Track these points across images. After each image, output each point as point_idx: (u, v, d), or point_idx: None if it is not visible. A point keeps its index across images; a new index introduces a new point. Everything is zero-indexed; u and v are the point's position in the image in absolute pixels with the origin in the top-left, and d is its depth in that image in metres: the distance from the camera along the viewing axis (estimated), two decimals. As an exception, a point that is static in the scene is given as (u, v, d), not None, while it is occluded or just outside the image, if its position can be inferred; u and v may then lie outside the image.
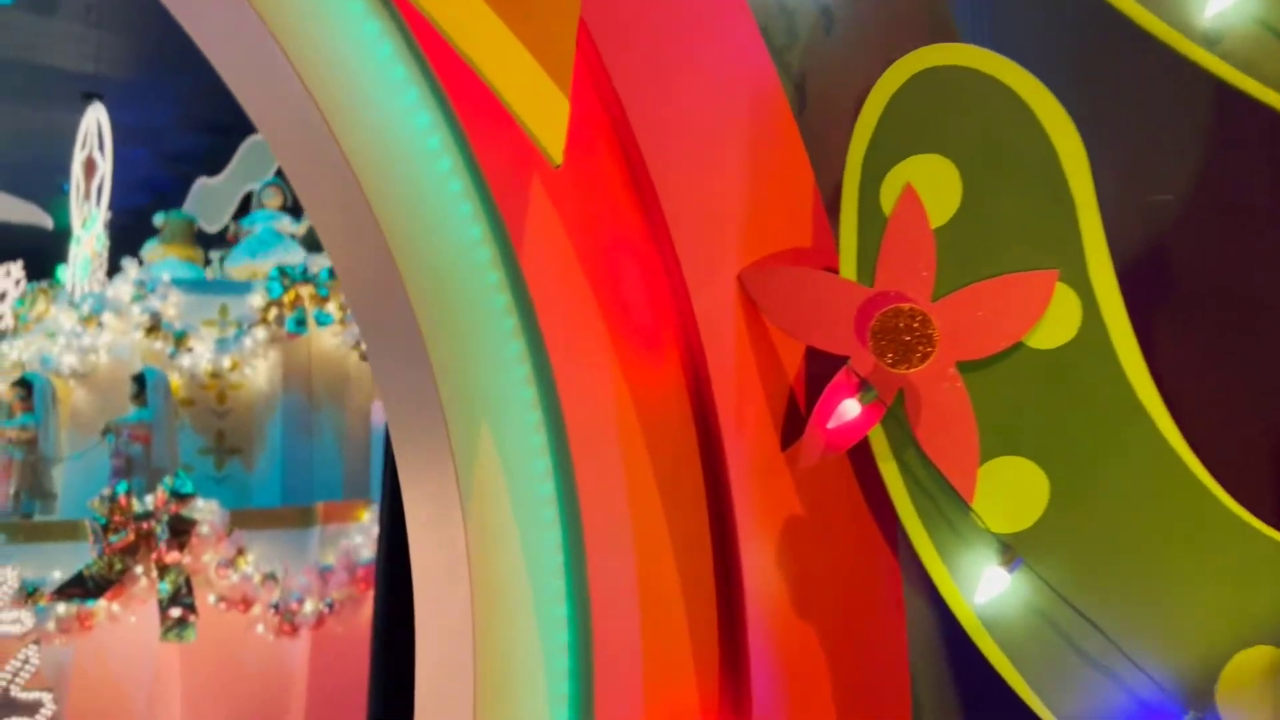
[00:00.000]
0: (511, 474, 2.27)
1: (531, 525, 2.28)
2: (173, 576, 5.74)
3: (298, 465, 7.81)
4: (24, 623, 4.92)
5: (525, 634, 2.23)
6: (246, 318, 7.84)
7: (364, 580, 5.98)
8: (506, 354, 2.36)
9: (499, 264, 2.33)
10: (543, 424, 2.31)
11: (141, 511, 5.79)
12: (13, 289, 10.48)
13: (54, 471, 7.22)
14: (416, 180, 2.29)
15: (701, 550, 2.29)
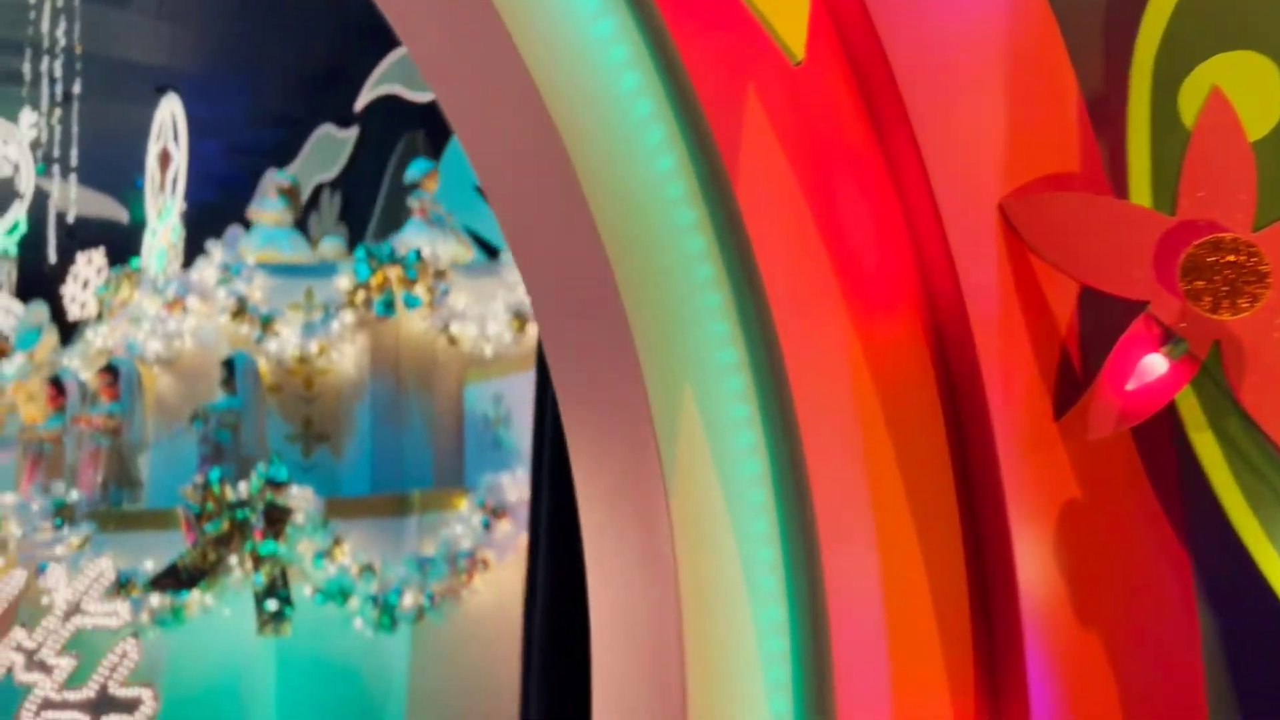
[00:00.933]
0: (719, 451, 1.89)
1: (742, 512, 1.89)
2: (268, 567, 5.48)
3: (387, 453, 7.54)
4: (121, 615, 4.70)
5: (739, 641, 1.84)
6: (333, 301, 7.59)
7: (466, 572, 5.66)
8: (703, 307, 1.98)
9: (696, 201, 1.95)
10: (751, 391, 1.92)
11: (235, 500, 5.54)
12: (94, 276, 10.41)
13: (140, 459, 7.04)
14: (600, 103, 1.92)
15: (951, 541, 1.88)
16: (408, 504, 6.13)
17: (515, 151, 2.02)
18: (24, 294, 17.04)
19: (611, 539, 2.02)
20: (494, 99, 1.99)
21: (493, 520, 5.77)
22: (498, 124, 2.04)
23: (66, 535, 5.78)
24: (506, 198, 2.14)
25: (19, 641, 4.57)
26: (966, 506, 1.91)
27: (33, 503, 5.93)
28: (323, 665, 5.61)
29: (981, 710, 1.87)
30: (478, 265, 8.28)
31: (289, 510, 5.52)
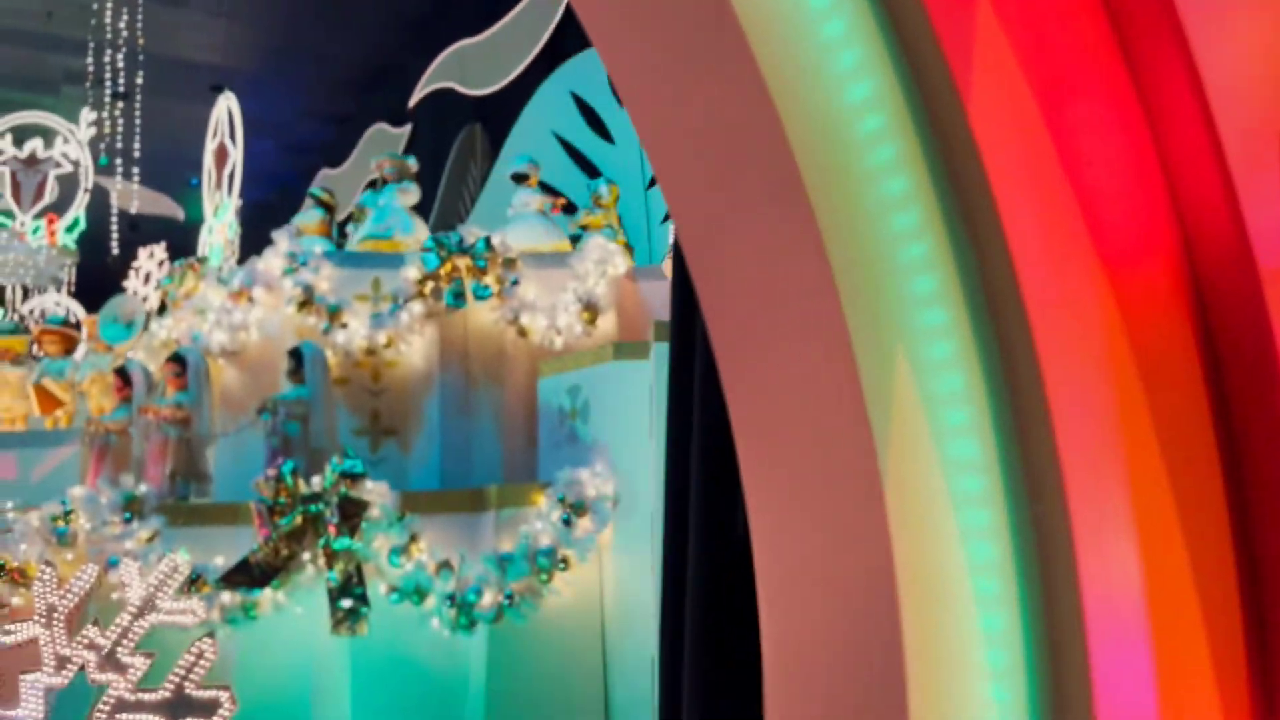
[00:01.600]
0: (936, 428, 1.59)
1: (961, 502, 1.60)
2: (342, 564, 5.27)
3: (456, 447, 7.33)
4: (197, 613, 4.51)
5: (966, 651, 1.55)
6: (401, 291, 7.39)
7: (546, 571, 5.41)
8: (903, 261, 1.69)
9: (896, 134, 1.66)
10: (961, 359, 1.63)
11: (309, 493, 5.33)
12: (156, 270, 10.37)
13: (208, 452, 6.89)
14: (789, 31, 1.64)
15: (1219, 535, 1.58)
16: (484, 499, 5.89)
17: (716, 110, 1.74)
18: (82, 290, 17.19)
19: (806, 535, 1.73)
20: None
21: (573, 517, 5.51)
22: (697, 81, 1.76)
23: (135, 529, 5.61)
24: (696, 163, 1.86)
25: (91, 639, 4.41)
26: (1234, 490, 1.60)
27: (101, 496, 5.77)
28: (398, 666, 5.38)
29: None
30: (547, 256, 8.05)
31: (365, 504, 5.30)
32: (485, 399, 7.55)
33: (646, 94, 1.90)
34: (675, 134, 1.88)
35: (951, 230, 1.62)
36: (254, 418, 6.70)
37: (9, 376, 8.55)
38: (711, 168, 1.84)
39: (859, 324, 1.58)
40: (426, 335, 7.45)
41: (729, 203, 1.81)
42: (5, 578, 5.55)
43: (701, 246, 1.90)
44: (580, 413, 6.10)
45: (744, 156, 1.72)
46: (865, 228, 1.66)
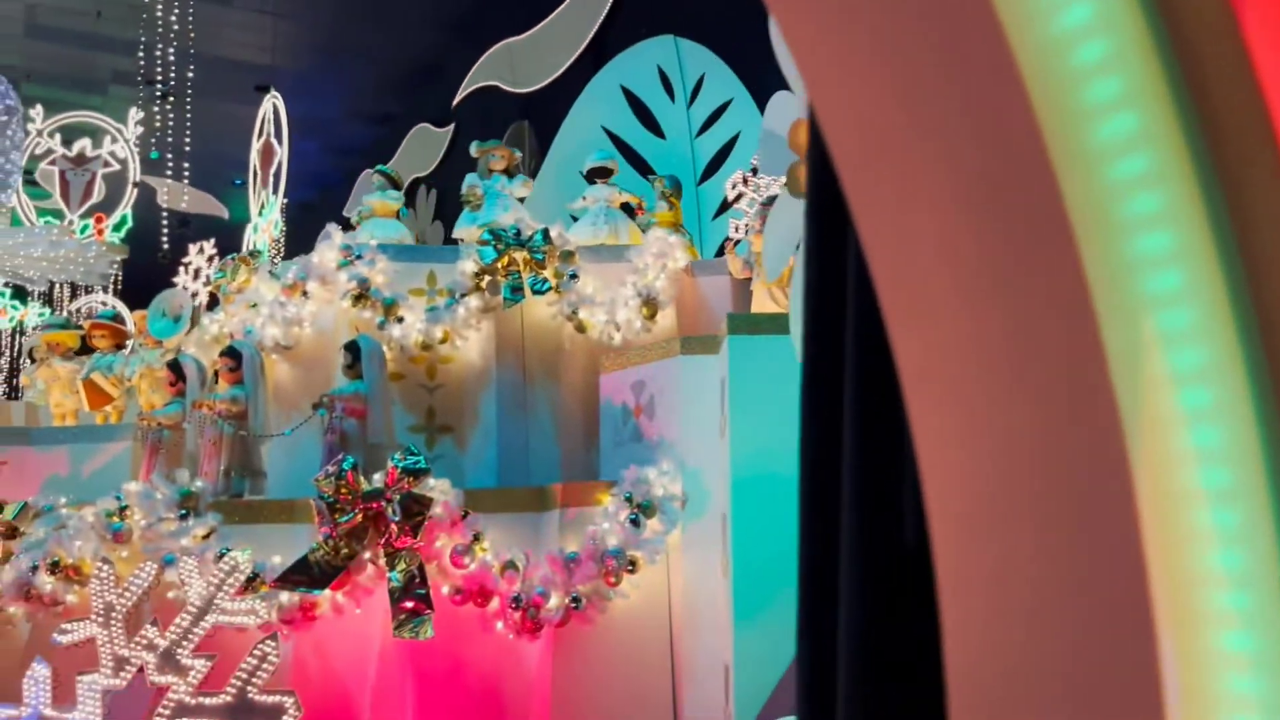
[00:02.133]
0: (1184, 418, 1.34)
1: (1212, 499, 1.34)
2: (404, 564, 5.08)
3: (513, 445, 7.14)
4: (259, 614, 4.34)
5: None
6: (457, 285, 7.22)
7: (613, 573, 5.19)
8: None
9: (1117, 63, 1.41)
10: (1204, 329, 1.38)
11: (370, 490, 5.16)
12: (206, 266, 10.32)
13: (262, 448, 6.74)
14: None
15: None
16: (547, 498, 5.68)
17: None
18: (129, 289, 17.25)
19: (1014, 540, 1.49)
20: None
21: (641, 517, 5.29)
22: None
23: (191, 526, 5.47)
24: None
25: (150, 639, 4.25)
26: None
27: (156, 491, 5.63)
28: (460, 669, 5.19)
29: None
30: (606, 249, 7.85)
31: (429, 502, 5.11)
32: (542, 396, 7.36)
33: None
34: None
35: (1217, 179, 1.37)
36: (310, 413, 6.55)
37: (59, 371, 8.49)
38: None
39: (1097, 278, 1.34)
40: (483, 330, 7.28)
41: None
42: (60, 575, 5.43)
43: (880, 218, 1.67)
44: (645, 409, 5.88)
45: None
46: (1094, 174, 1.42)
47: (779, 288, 6.56)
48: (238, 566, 4.45)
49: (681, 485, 5.54)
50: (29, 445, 7.66)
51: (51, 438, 7.73)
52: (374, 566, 5.21)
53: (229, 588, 4.39)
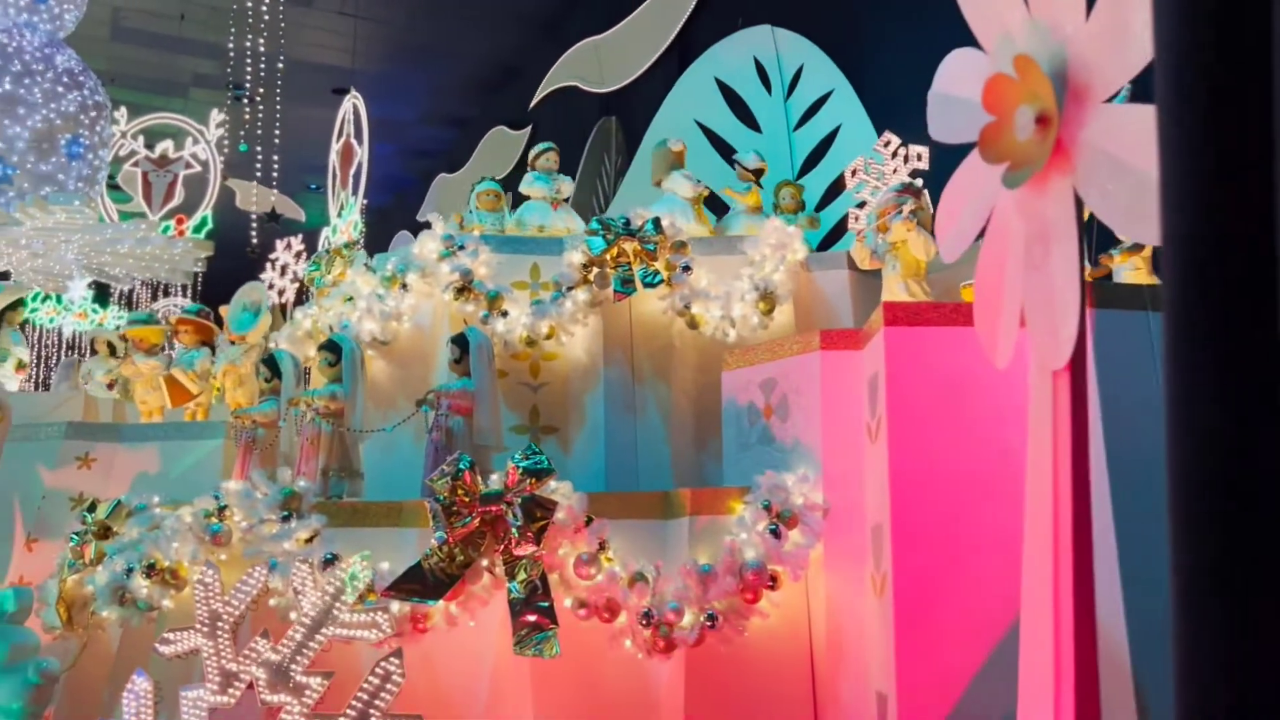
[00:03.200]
0: None
1: None
2: (525, 573, 4.65)
3: (621, 448, 6.70)
4: (383, 628, 3.92)
5: None
6: (563, 278, 6.80)
7: (752, 589, 4.70)
8: None
9: None
10: None
11: (489, 492, 4.73)
12: (294, 262, 10.08)
13: (360, 448, 6.38)
14: None
15: None
16: (675, 504, 5.21)
17: None
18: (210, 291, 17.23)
19: None
20: None
21: (782, 528, 4.79)
22: None
23: (294, 529, 5.10)
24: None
25: (261, 653, 3.86)
26: None
27: (257, 491, 5.28)
28: (583, 691, 4.74)
29: None
30: (718, 240, 7.38)
31: (553, 506, 4.67)
32: (651, 396, 6.90)
33: None
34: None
35: None
36: (411, 411, 6.17)
37: (142, 368, 8.25)
38: None
39: None
40: (590, 326, 6.85)
41: None
42: (156, 578, 5.10)
43: None
44: (776, 409, 5.39)
45: None
46: None
47: (915, 280, 6.03)
48: (356, 574, 4.05)
49: (822, 493, 5.03)
50: (119, 442, 7.41)
51: (141, 435, 7.47)
52: (490, 575, 4.79)
53: (347, 598, 3.99)
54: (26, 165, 10.66)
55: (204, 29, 19.28)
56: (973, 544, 4.40)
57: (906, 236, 5.92)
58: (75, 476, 7.28)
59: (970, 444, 4.46)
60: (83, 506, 6.16)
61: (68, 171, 11.01)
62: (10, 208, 10.37)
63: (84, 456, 7.31)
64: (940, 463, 4.47)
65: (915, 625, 4.32)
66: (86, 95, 11.36)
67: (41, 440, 7.41)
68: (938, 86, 4.11)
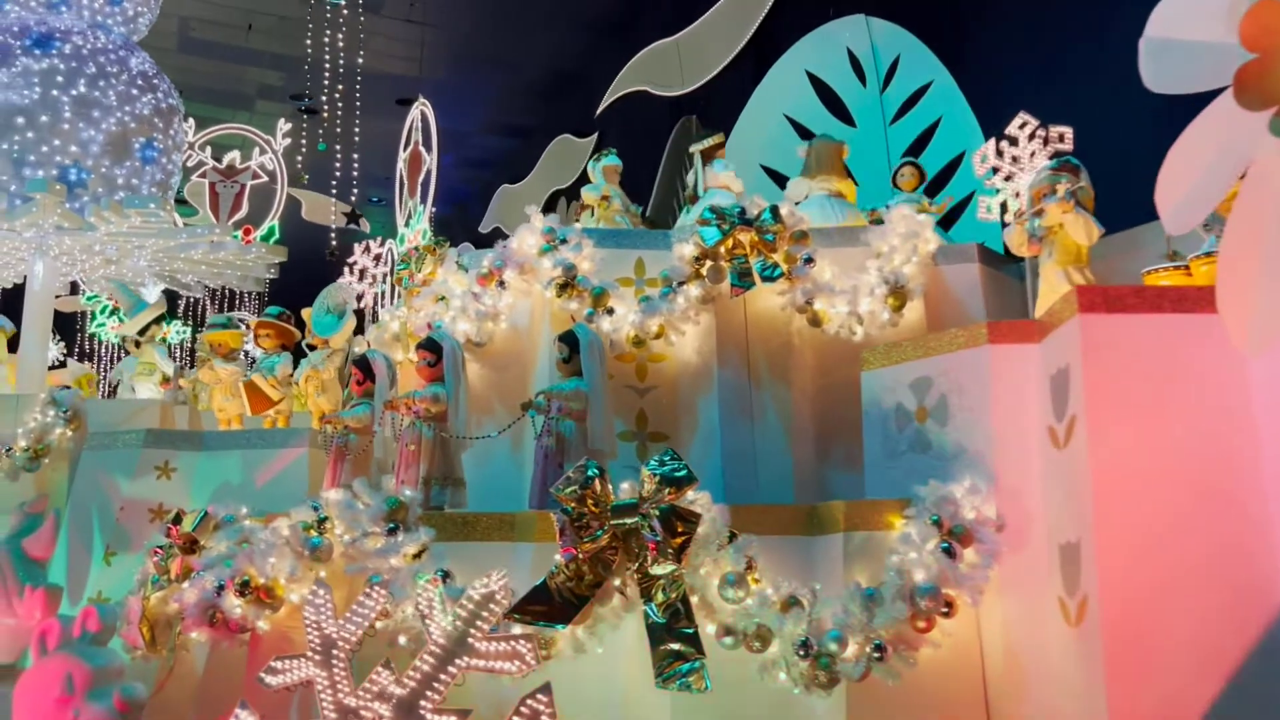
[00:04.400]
0: None
1: None
2: (664, 595, 4.10)
3: (739, 457, 6.13)
4: (528, 659, 3.37)
5: None
6: (674, 272, 6.26)
7: (925, 616, 4.11)
8: None
9: None
10: None
11: (622, 503, 4.20)
12: (371, 265, 9.70)
13: (461, 455, 5.88)
14: None
15: None
16: (826, 518, 4.63)
17: None
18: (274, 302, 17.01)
19: None
20: None
21: (956, 546, 4.20)
22: None
23: (401, 543, 4.61)
24: None
25: (384, 685, 3.35)
26: None
27: (358, 501, 4.80)
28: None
29: None
30: (837, 232, 6.82)
31: (696, 519, 4.12)
32: (770, 400, 6.33)
33: None
34: None
35: None
36: (518, 414, 5.67)
37: (221, 373, 7.87)
38: None
39: None
40: (702, 324, 6.30)
41: None
42: (250, 597, 4.64)
43: None
44: (933, 412, 4.79)
45: None
46: None
47: (1076, 267, 5.40)
48: (493, 595, 3.53)
49: (995, 506, 4.43)
50: (200, 450, 7.01)
51: (223, 442, 7.06)
52: (621, 596, 4.25)
53: (483, 623, 3.46)
54: (101, 169, 10.40)
55: (270, 39, 19.19)
56: (1192, 561, 3.77)
57: (1064, 219, 5.31)
58: (154, 486, 6.89)
59: (1186, 446, 3.84)
60: (166, 518, 5.74)
61: (141, 176, 10.75)
62: (85, 212, 10.11)
63: (163, 466, 6.92)
64: (1150, 468, 3.85)
65: (1128, 659, 3.70)
66: (160, 98, 11.11)
67: (119, 449, 7.04)
68: (1153, 31, 3.52)
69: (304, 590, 4.70)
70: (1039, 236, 5.46)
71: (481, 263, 6.67)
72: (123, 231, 10.25)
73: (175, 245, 10.81)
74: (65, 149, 10.27)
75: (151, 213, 9.71)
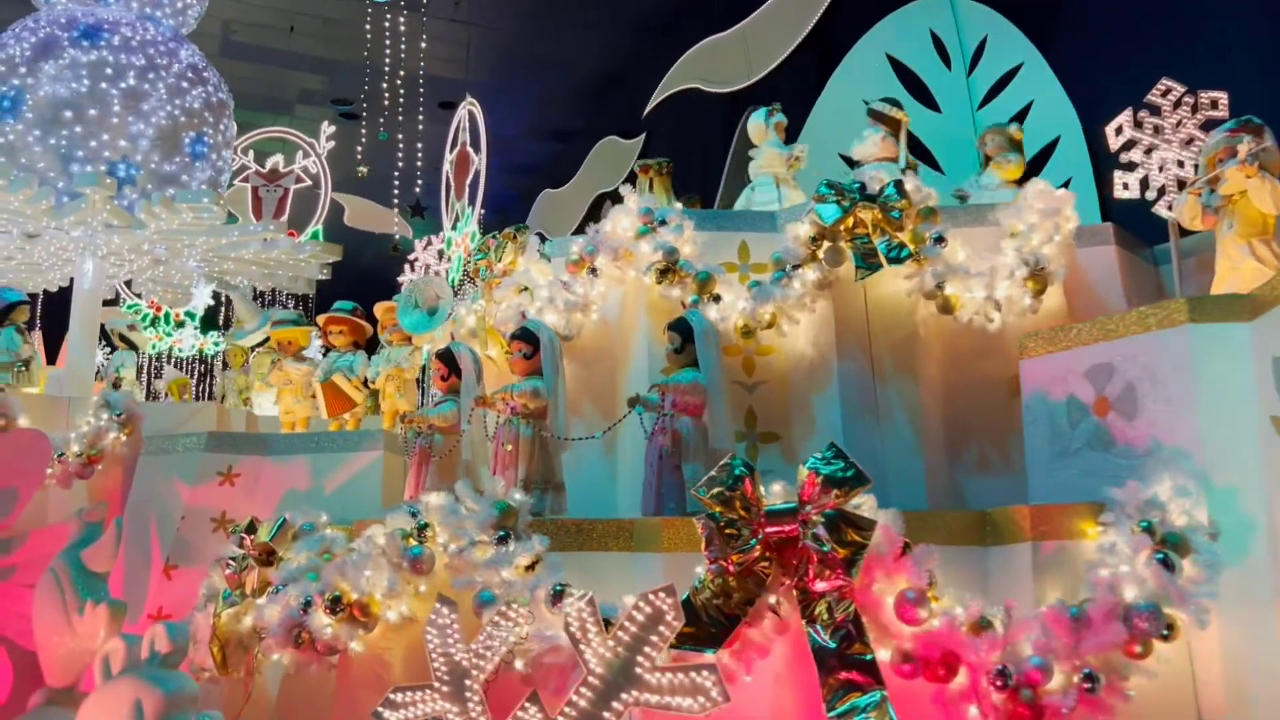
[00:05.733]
0: None
1: None
2: (829, 615, 3.51)
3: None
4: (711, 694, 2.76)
5: None
6: (787, 255, 5.67)
7: (1141, 639, 3.48)
8: None
9: None
10: None
11: (779, 508, 3.61)
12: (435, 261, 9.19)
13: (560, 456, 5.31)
14: None
15: None
16: (1004, 525, 4.01)
17: None
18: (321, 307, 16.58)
19: None
20: None
21: (1175, 558, 3.57)
22: None
23: (514, 553, 4.04)
24: None
25: (529, 722, 2.77)
26: None
27: (462, 505, 4.24)
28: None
29: None
30: (962, 210, 6.21)
31: (870, 526, 3.53)
32: (895, 397, 5.71)
33: None
34: None
35: None
36: (626, 410, 5.09)
37: (291, 374, 7.35)
38: None
39: None
40: (818, 312, 5.71)
41: None
42: (342, 614, 4.08)
43: None
44: (1117, 404, 4.17)
45: None
46: None
47: (1261, 240, 4.76)
48: (663, 614, 2.94)
49: (1206, 510, 3.80)
50: (266, 455, 6.49)
51: (290, 446, 6.54)
52: (773, 616, 3.65)
53: (651, 649, 2.87)
54: (150, 165, 9.97)
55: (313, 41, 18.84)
56: None
57: (1247, 185, 4.68)
58: (217, 494, 6.38)
59: None
60: (236, 527, 5.22)
61: (191, 172, 10.31)
62: (135, 209, 9.67)
63: (226, 471, 6.41)
64: None
65: None
66: (210, 91, 10.69)
67: (179, 453, 6.54)
68: None
69: (401, 607, 4.15)
70: (1215, 207, 4.83)
71: (570, 249, 6.12)
72: (173, 229, 9.80)
73: (226, 244, 10.35)
74: (114, 143, 9.84)
75: (205, 207, 9.24)
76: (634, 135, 19.05)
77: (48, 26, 10.11)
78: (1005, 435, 5.61)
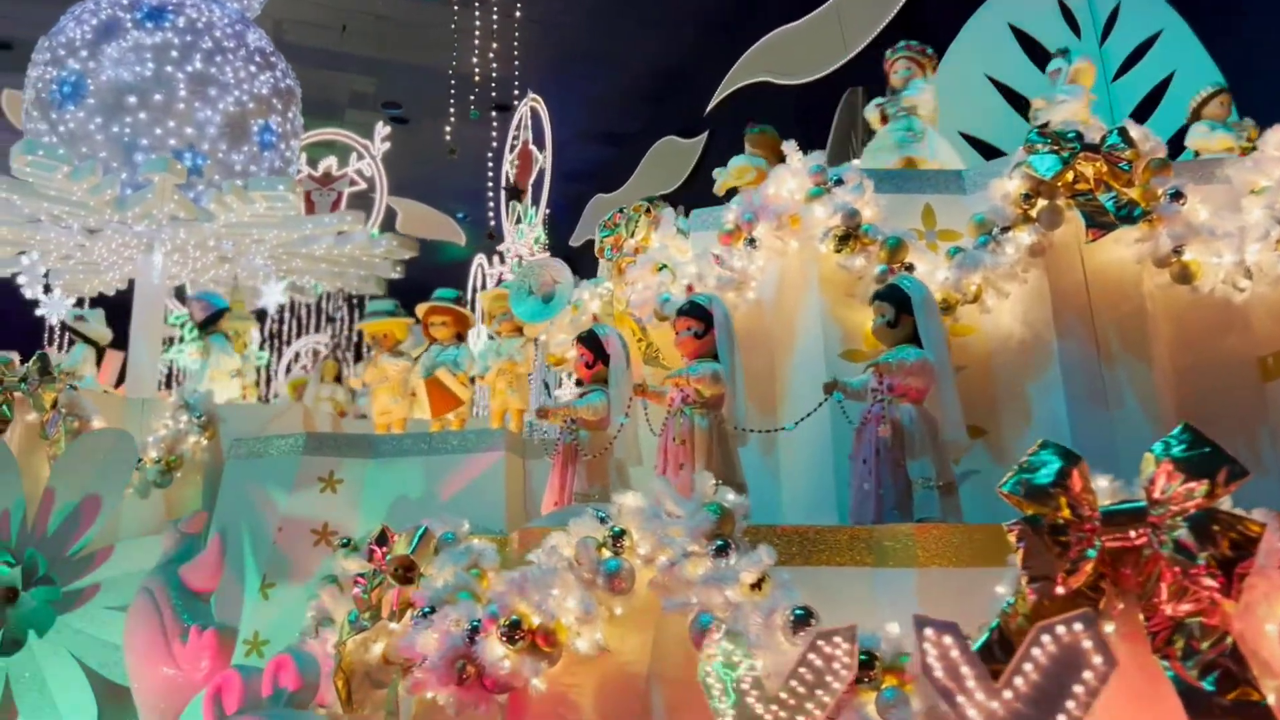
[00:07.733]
0: None
1: None
2: (1192, 646, 2.64)
3: (1098, 456, 4.58)
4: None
5: None
6: (993, 215, 4.83)
7: None
8: None
9: None
10: None
11: (1121, 508, 2.76)
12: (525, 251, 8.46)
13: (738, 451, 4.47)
14: None
15: None
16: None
17: None
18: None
19: None
20: None
21: None
22: None
23: (738, 567, 3.20)
24: None
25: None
26: None
27: (662, 508, 3.41)
28: None
29: None
30: (1192, 161, 5.35)
31: (1258, 532, 2.66)
32: (1126, 383, 4.82)
33: None
34: None
35: None
36: (824, 397, 4.25)
37: (388, 369, 6.56)
38: None
39: None
40: (1030, 282, 4.85)
41: None
42: (522, 642, 3.26)
43: None
44: None
45: None
46: None
47: None
48: (950, 652, 2.13)
49: None
50: (370, 457, 5.71)
51: (399, 448, 5.76)
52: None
53: (970, 685, 2.05)
54: (218, 154, 9.29)
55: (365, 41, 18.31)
56: None
57: None
58: (318, 502, 5.60)
59: None
60: (364, 539, 4.43)
61: (259, 163, 9.63)
62: (203, 200, 8.98)
63: (328, 477, 5.64)
64: None
65: None
66: (279, 77, 10.02)
67: (273, 456, 5.77)
68: None
69: (594, 634, 3.32)
70: None
71: (725, 218, 5.32)
72: (243, 222, 9.10)
73: (298, 238, 9.64)
74: (180, 131, 9.18)
75: (280, 195, 8.52)
76: (694, 134, 18.34)
77: (109, 8, 9.49)
78: (1254, 427, 4.74)
